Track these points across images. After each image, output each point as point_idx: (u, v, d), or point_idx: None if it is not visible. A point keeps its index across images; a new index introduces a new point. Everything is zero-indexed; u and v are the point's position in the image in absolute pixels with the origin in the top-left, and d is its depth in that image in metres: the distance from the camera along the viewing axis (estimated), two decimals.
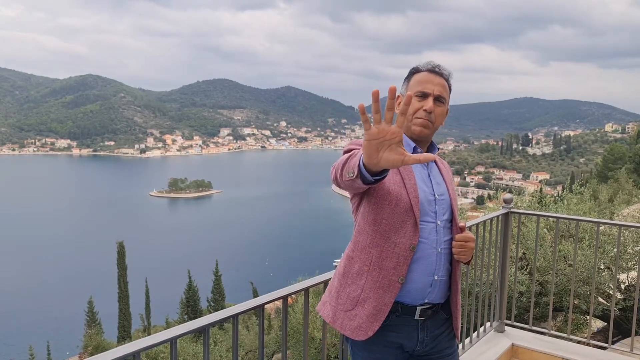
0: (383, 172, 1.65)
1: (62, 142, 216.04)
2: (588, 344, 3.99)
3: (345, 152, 1.93)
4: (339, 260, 2.17)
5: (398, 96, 2.10)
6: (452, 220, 2.06)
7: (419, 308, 2.00)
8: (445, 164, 2.21)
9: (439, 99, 2.02)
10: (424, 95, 2.02)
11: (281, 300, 2.25)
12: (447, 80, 2.08)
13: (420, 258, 1.97)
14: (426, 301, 2.01)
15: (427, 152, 2.10)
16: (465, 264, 2.08)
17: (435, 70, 2.06)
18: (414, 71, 2.10)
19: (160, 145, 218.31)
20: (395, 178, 1.98)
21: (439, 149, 2.18)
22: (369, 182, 1.68)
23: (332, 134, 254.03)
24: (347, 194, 2.05)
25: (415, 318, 2.01)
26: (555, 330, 4.37)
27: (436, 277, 2.00)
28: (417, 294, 1.99)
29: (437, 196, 2.03)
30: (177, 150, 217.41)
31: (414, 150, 2.05)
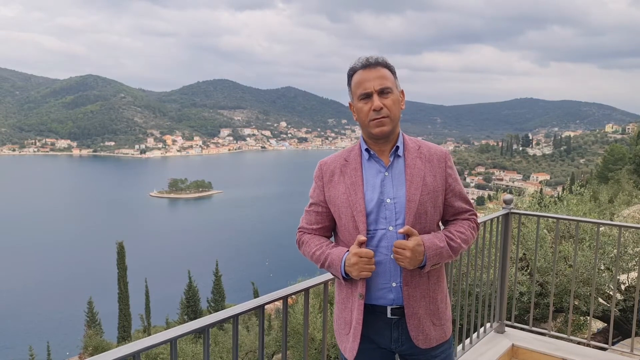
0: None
1: (62, 143, 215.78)
2: (588, 345, 3.98)
3: (306, 211, 2.17)
4: None
5: (350, 104, 2.10)
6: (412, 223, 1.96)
7: (389, 307, 2.01)
8: (428, 153, 2.05)
9: (382, 92, 1.96)
10: (367, 96, 1.97)
11: (281, 301, 2.25)
12: (386, 67, 2.01)
13: (375, 265, 1.96)
14: (394, 305, 2.01)
15: (392, 148, 2.03)
16: (420, 268, 1.96)
17: (368, 65, 1.99)
18: (351, 73, 2.05)
19: (160, 145, 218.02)
20: (342, 198, 2.01)
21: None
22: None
23: (332, 134, 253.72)
24: None
25: (388, 316, 2.02)
26: (555, 331, 4.36)
27: (394, 284, 1.99)
28: (381, 300, 2.01)
29: (387, 201, 1.97)
30: (177, 151, 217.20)
31: (368, 154, 2.04)
